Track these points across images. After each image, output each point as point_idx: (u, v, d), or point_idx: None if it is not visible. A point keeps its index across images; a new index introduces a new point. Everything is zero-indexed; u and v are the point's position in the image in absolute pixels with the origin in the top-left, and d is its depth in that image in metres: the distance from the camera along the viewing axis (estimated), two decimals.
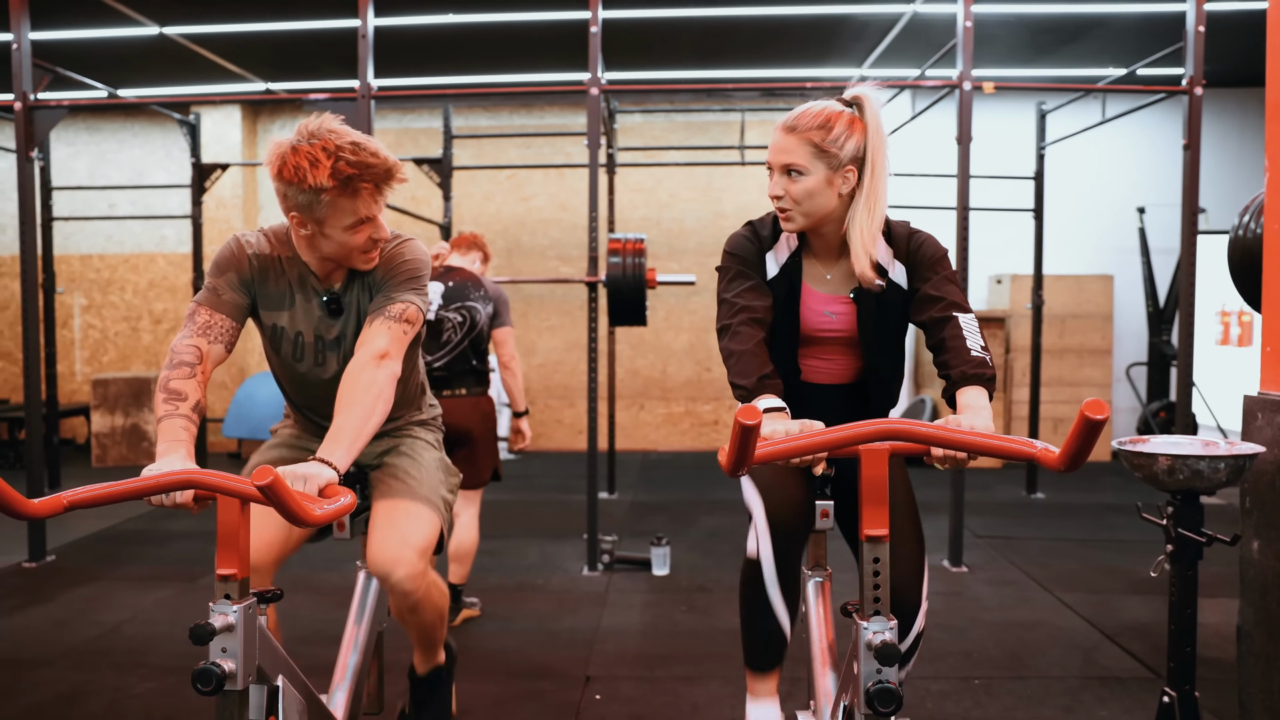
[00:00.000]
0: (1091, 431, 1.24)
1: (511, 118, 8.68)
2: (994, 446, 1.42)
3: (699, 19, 6.30)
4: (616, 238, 4.61)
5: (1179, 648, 2.61)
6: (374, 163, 1.96)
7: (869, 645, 1.50)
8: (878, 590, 1.52)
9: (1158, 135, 8.17)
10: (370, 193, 1.97)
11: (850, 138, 1.96)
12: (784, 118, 2.02)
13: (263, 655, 1.68)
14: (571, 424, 8.83)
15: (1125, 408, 8.35)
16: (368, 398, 1.93)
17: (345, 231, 2.00)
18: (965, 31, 4.53)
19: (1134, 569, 4.79)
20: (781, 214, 2.03)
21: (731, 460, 1.33)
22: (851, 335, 2.10)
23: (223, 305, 2.07)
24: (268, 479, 1.43)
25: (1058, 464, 1.34)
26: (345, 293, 2.16)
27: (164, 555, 5.13)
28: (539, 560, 4.99)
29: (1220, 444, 2.61)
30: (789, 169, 1.97)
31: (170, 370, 1.94)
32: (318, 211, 1.97)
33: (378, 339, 2.01)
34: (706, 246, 8.59)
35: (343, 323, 2.16)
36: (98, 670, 3.47)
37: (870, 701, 1.48)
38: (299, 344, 2.17)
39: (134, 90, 8.08)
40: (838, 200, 1.99)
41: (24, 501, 1.53)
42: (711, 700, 3.20)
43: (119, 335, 9.01)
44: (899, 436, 1.43)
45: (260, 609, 1.69)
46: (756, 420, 1.26)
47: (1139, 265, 8.11)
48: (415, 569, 2.12)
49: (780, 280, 2.09)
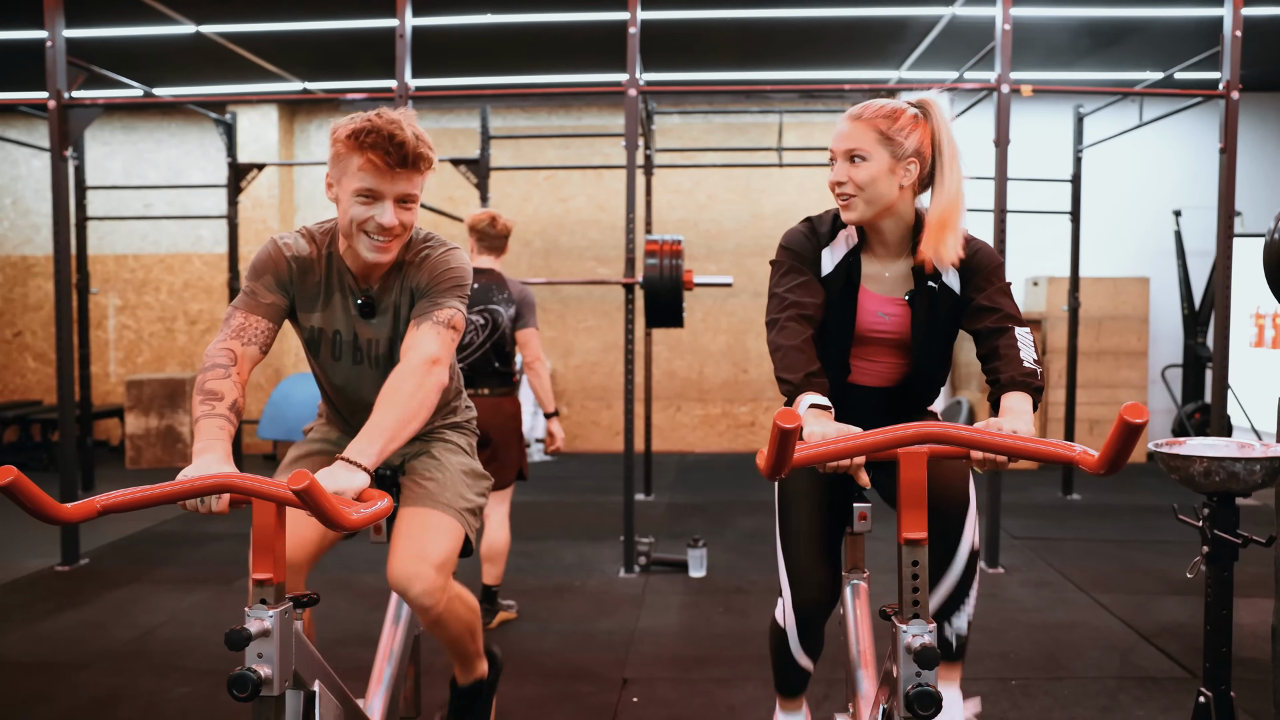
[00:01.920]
0: (1131, 435, 1.28)
1: (550, 118, 8.73)
2: (1033, 450, 1.45)
3: (738, 20, 6.32)
4: (653, 239, 4.65)
5: (1214, 648, 2.62)
6: (399, 137, 1.92)
7: (908, 648, 1.53)
8: (916, 593, 1.56)
9: (1194, 138, 8.10)
10: (379, 164, 1.93)
11: (914, 132, 1.99)
12: (850, 109, 2.05)
13: (299, 660, 1.68)
14: (608, 425, 8.88)
15: (1160, 409, 8.29)
16: (412, 402, 1.92)
17: (353, 198, 1.97)
18: (1004, 34, 4.54)
19: (1170, 570, 4.78)
20: (843, 202, 2.03)
21: (770, 463, 1.37)
22: (901, 338, 2.10)
23: (259, 308, 2.05)
24: (304, 483, 1.42)
25: (1096, 467, 1.37)
26: (382, 295, 2.14)
27: (199, 558, 5.17)
28: (576, 562, 5.04)
29: (1256, 446, 2.61)
30: (852, 154, 1.99)
31: (205, 372, 1.92)
32: (337, 167, 2.00)
33: (427, 344, 2.00)
34: (745, 248, 8.62)
35: (377, 325, 2.15)
36: (134, 674, 3.47)
37: (910, 705, 1.51)
38: (338, 343, 2.17)
39: (170, 89, 8.08)
40: (898, 192, 2.00)
41: (56, 506, 1.50)
42: (748, 702, 3.24)
43: (154, 336, 9.05)
44: (938, 439, 1.46)
45: (296, 613, 1.68)
46: (796, 424, 1.30)
47: (1174, 268, 8.04)
48: (433, 584, 2.10)
49: (836, 276, 2.08)
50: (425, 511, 2.18)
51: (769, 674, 3.44)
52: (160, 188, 8.08)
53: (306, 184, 9.01)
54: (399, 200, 1.99)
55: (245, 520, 5.93)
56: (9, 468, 1.42)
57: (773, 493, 2.24)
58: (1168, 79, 6.05)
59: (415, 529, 2.15)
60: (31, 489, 1.44)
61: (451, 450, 2.33)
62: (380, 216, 1.97)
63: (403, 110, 2.01)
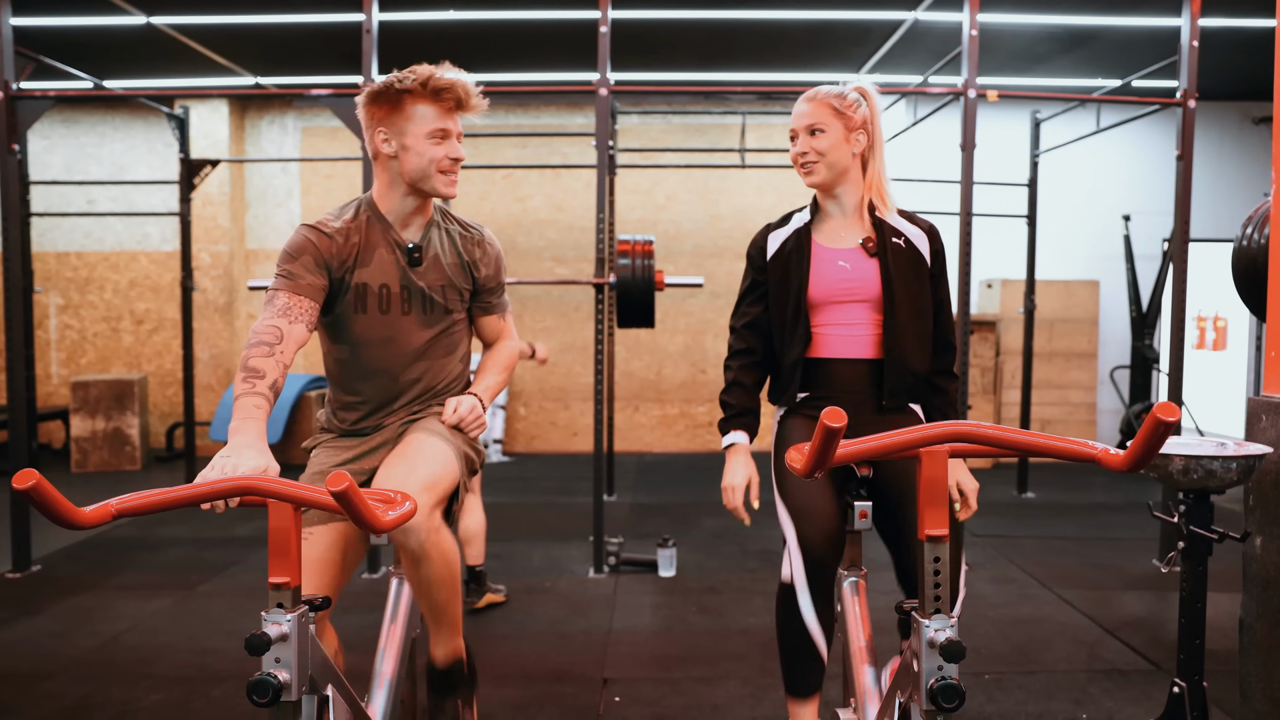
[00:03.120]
0: (1162, 433, 1.31)
1: (507, 117, 8.68)
2: (1054, 448, 1.48)
3: (702, 21, 6.35)
4: (626, 239, 4.65)
5: (1189, 640, 2.70)
6: (459, 83, 2.19)
7: (931, 643, 1.55)
8: (938, 589, 1.58)
9: (1145, 145, 8.33)
10: (450, 105, 2.20)
11: (858, 109, 2.29)
12: (802, 95, 2.34)
13: (313, 665, 1.66)
14: (565, 426, 8.86)
15: (1109, 409, 8.49)
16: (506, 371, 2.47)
17: (426, 140, 2.19)
18: (970, 40, 4.62)
19: (1127, 566, 4.89)
20: (806, 170, 2.30)
21: (811, 462, 1.39)
22: (871, 298, 2.26)
23: (302, 288, 2.12)
24: (343, 485, 1.41)
25: (1123, 464, 1.40)
26: (424, 243, 2.29)
27: (158, 563, 5.04)
28: (545, 563, 5.02)
29: (1230, 445, 2.70)
30: (812, 129, 2.28)
31: (250, 349, 1.98)
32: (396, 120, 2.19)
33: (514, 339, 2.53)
34: (703, 249, 8.65)
35: (423, 273, 2.28)
36: (101, 683, 3.38)
37: (934, 698, 1.52)
38: (384, 295, 2.25)
39: (119, 82, 7.85)
40: (851, 159, 2.29)
41: (75, 511, 1.46)
42: (731, 700, 3.26)
43: (98, 336, 8.82)
44: (966, 438, 1.49)
45: (310, 617, 1.65)
46: (841, 423, 1.32)
47: (1123, 271, 8.25)
48: (420, 503, 2.04)
49: (784, 246, 2.34)
50: (421, 436, 2.20)
51: (750, 673, 3.48)
52: (106, 183, 7.81)
53: (258, 181, 8.84)
54: (458, 137, 2.25)
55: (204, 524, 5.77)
56: (31, 471, 1.38)
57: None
58: (1125, 86, 6.21)
59: (409, 449, 2.16)
60: (52, 493, 1.41)
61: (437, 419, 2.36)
62: (451, 151, 2.23)
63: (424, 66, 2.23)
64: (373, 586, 4.57)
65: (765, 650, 3.72)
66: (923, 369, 2.28)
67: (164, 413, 8.84)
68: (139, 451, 7.82)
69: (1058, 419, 8.03)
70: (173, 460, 8.31)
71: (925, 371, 2.30)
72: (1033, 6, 5.94)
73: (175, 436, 8.64)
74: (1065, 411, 8.06)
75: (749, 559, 5.08)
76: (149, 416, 8.50)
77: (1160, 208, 8.18)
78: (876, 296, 2.25)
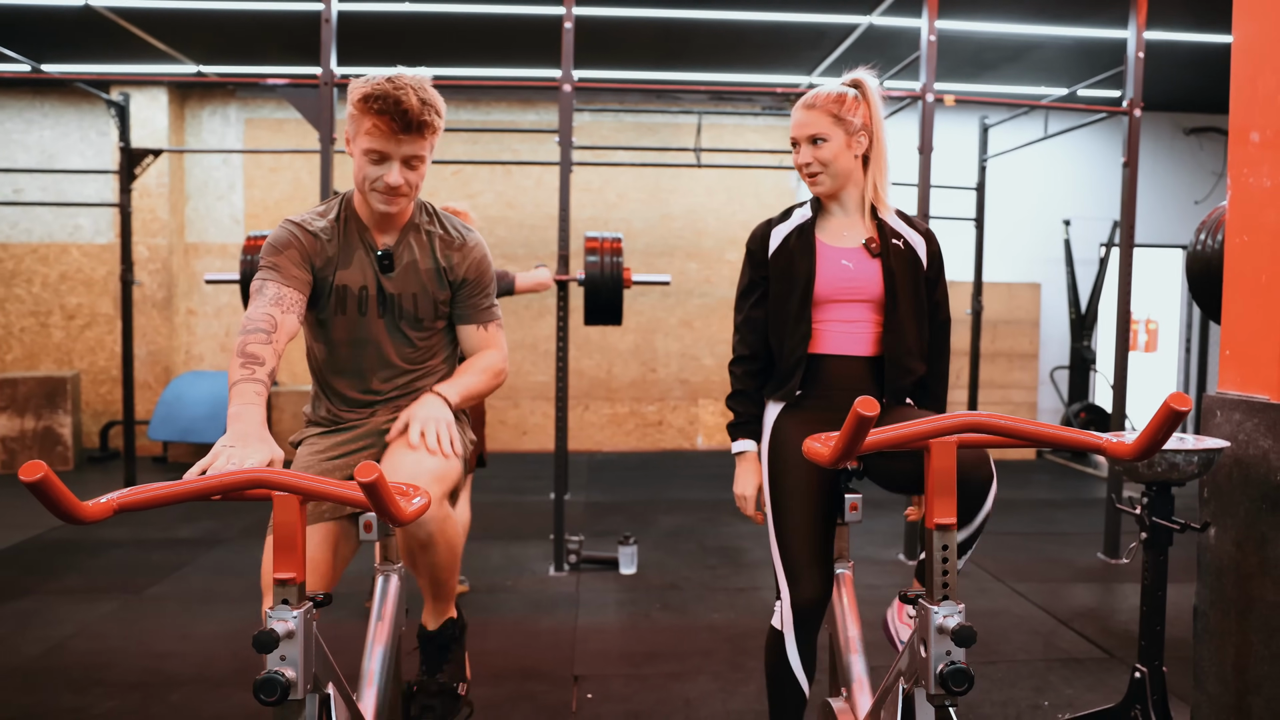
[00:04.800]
0: (1174, 422, 1.35)
1: (458, 112, 8.56)
2: (1064, 439, 1.52)
3: (657, 20, 6.36)
4: (594, 236, 4.65)
5: (1150, 627, 2.80)
6: (404, 104, 2.00)
7: (941, 629, 1.59)
8: (946, 575, 1.62)
9: (1087, 152, 8.57)
10: (385, 129, 2.02)
11: (858, 110, 2.27)
12: (802, 99, 2.31)
13: (317, 663, 1.62)
14: (515, 424, 8.81)
15: (1049, 409, 8.72)
16: (488, 380, 2.27)
17: (363, 156, 2.07)
18: (929, 45, 4.70)
19: (1074, 559, 5.04)
20: (811, 178, 2.29)
21: (840, 450, 1.41)
22: (872, 298, 2.27)
23: (290, 279, 2.10)
24: (373, 476, 1.37)
25: (1130, 453, 1.45)
26: (401, 251, 2.22)
27: (100, 566, 4.89)
28: (504, 562, 5.00)
29: (1189, 439, 2.80)
30: (814, 138, 2.26)
31: (246, 335, 1.96)
32: (351, 125, 2.09)
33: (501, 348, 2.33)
34: (654, 247, 8.67)
35: (397, 279, 2.22)
36: (50, 691, 3.28)
37: (944, 682, 1.56)
38: (363, 298, 2.22)
39: (53, 66, 7.54)
40: (855, 163, 2.28)
41: (80, 505, 1.40)
42: (703, 695, 3.28)
43: (25, 331, 8.49)
44: (980, 429, 1.52)
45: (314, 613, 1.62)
46: (874, 412, 1.35)
47: (1064, 274, 8.48)
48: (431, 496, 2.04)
49: (787, 241, 2.32)
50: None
51: (719, 668, 3.51)
52: (35, 171, 7.53)
53: (198, 173, 8.59)
54: (405, 161, 2.09)
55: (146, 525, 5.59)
56: (39, 463, 1.32)
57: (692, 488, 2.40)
58: (1072, 95, 6.39)
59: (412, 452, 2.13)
60: (60, 487, 1.35)
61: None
62: (388, 177, 2.08)
63: (418, 73, 2.10)
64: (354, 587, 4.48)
65: (733, 645, 3.75)
66: (920, 370, 2.32)
67: (97, 411, 8.56)
68: (71, 451, 7.57)
69: None
70: (108, 460, 8.05)
71: (923, 372, 2.33)
72: (987, 14, 6.07)
73: (110, 435, 8.38)
74: (1007, 411, 8.25)
75: (709, 555, 5.11)
76: (82, 415, 8.24)
77: (1099, 213, 8.44)
78: (877, 297, 2.26)
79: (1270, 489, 2.61)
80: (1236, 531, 2.74)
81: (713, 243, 8.62)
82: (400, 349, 2.27)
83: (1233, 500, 2.77)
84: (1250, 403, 2.70)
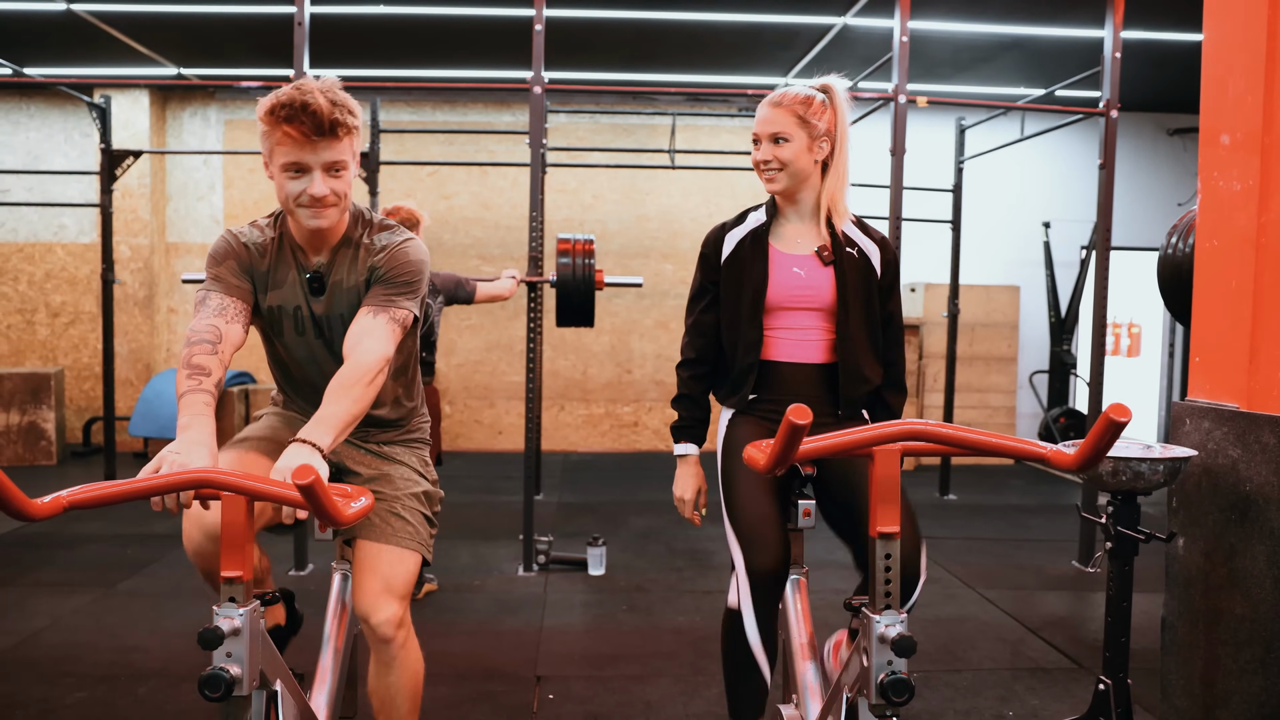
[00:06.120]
0: (1113, 433, 1.32)
1: (434, 113, 8.56)
2: (1006, 447, 1.48)
3: (631, 21, 6.33)
4: (566, 238, 4.62)
5: (1114, 638, 2.75)
6: (312, 105, 1.89)
7: (882, 638, 1.55)
8: (889, 585, 1.58)
9: (1066, 153, 8.55)
10: (297, 135, 1.91)
11: (824, 115, 2.25)
12: (769, 96, 2.29)
13: (264, 660, 1.66)
14: (490, 424, 8.76)
15: (1028, 413, 8.71)
16: (363, 400, 1.93)
17: (282, 173, 1.97)
18: (901, 46, 4.67)
19: (1046, 566, 5.01)
20: (768, 176, 2.28)
21: (774, 458, 1.38)
22: (823, 306, 2.25)
23: (232, 289, 2.06)
24: (309, 478, 1.39)
25: (1071, 464, 1.42)
26: (333, 270, 2.13)
27: (75, 560, 4.91)
28: (472, 561, 4.95)
29: (1156, 448, 2.76)
30: (776, 137, 2.24)
31: (192, 347, 1.93)
32: (265, 145, 1.99)
33: (380, 341, 2.00)
34: (629, 249, 8.63)
35: (327, 301, 2.14)
36: (21, 681, 3.32)
37: (884, 692, 1.53)
38: (299, 318, 2.15)
39: (36, 70, 7.62)
40: (814, 166, 2.27)
41: (27, 502, 1.43)
42: (664, 698, 3.25)
43: (12, 329, 8.55)
44: (921, 437, 1.48)
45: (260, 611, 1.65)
46: (807, 420, 1.31)
47: (1043, 277, 8.47)
48: (395, 614, 2.11)
49: (740, 246, 2.31)
50: (389, 548, 2.16)
51: (681, 670, 3.47)
52: (22, 172, 7.58)
53: (179, 174, 8.62)
54: (327, 169, 1.97)
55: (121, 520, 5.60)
56: None
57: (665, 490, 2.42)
58: (1049, 95, 6.37)
59: (379, 562, 2.14)
60: (7, 484, 1.37)
61: (412, 478, 2.30)
62: (311, 188, 1.96)
63: (326, 78, 1.99)
64: (300, 584, 4.43)
65: (696, 648, 3.71)
66: (875, 377, 2.30)
67: (80, 407, 8.60)
68: (55, 446, 7.64)
69: (978, 422, 8.20)
70: (90, 455, 8.09)
71: (878, 382, 2.31)
72: (961, 14, 6.05)
73: (93, 431, 8.41)
74: (985, 415, 8.24)
75: (676, 558, 5.08)
76: (65, 411, 8.27)
77: (1079, 215, 8.43)
78: (828, 305, 2.25)
79: (1239, 499, 2.58)
80: (1205, 542, 2.71)
81: (689, 244, 8.58)
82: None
83: (1202, 510, 2.73)
84: (1219, 411, 2.67)
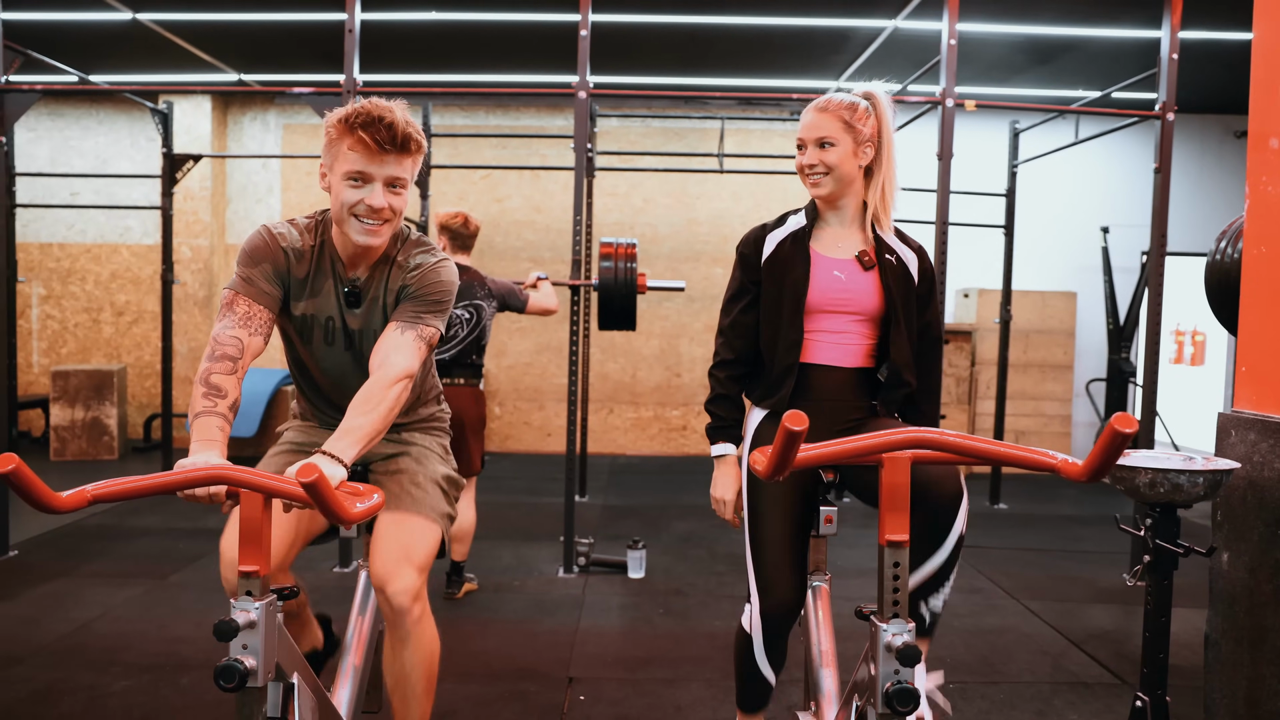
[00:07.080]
0: (1119, 445, 1.29)
1: (487, 118, 8.67)
2: (1015, 457, 1.46)
3: (682, 26, 6.35)
4: (609, 241, 4.64)
5: (1153, 654, 2.69)
6: (388, 119, 1.97)
7: (889, 647, 1.54)
8: (897, 594, 1.57)
9: (1124, 157, 8.37)
10: (369, 144, 1.97)
11: (868, 121, 2.26)
12: (814, 102, 2.30)
13: (280, 652, 1.69)
14: (540, 426, 8.83)
15: (1084, 422, 8.53)
16: (386, 414, 2.00)
17: (344, 181, 2.02)
18: (949, 49, 4.61)
19: (1095, 578, 4.90)
20: (813, 181, 2.28)
21: (773, 465, 1.37)
22: (862, 310, 2.25)
23: (260, 296, 2.08)
24: (313, 476, 1.44)
25: (1080, 475, 1.39)
26: (369, 285, 2.17)
27: (131, 552, 5.06)
28: (514, 562, 4.99)
29: (1198, 459, 2.69)
30: (822, 141, 2.25)
31: (212, 362, 1.96)
32: (329, 153, 2.05)
33: (406, 357, 2.06)
34: (679, 253, 8.64)
35: (362, 314, 2.19)
36: (71, 668, 3.42)
37: (889, 701, 1.52)
38: (330, 329, 2.19)
39: (104, 76, 7.92)
40: (858, 171, 2.27)
41: (53, 495, 1.50)
42: (694, 702, 3.24)
43: (79, 327, 8.86)
44: (927, 445, 1.47)
45: (278, 606, 1.69)
46: (803, 426, 1.30)
47: (1101, 283, 8.29)
48: (413, 583, 2.13)
49: (781, 247, 2.29)
50: (409, 516, 2.21)
51: (713, 675, 3.47)
52: (90, 176, 7.83)
53: (239, 177, 8.87)
54: (388, 184, 2.04)
55: (177, 514, 5.79)
56: (10, 455, 1.42)
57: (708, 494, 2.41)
58: (1105, 98, 6.24)
59: (399, 531, 2.17)
60: (31, 477, 1.45)
61: (431, 457, 2.36)
62: (370, 199, 2.02)
63: (395, 101, 2.06)
64: (343, 581, 4.52)
65: (728, 654, 3.68)
66: (912, 382, 2.29)
67: (142, 404, 8.87)
68: (116, 441, 7.86)
69: (1032, 430, 8.05)
70: (150, 451, 8.31)
71: (914, 386, 2.30)
72: (1012, 16, 5.96)
73: (153, 427, 8.65)
74: (1040, 423, 8.09)
75: (717, 563, 5.06)
76: (127, 407, 8.53)
77: (1139, 220, 8.22)
78: (868, 309, 2.25)
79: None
80: (1250, 557, 2.63)
81: None
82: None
83: (1246, 524, 2.66)
84: (1266, 422, 2.60)
